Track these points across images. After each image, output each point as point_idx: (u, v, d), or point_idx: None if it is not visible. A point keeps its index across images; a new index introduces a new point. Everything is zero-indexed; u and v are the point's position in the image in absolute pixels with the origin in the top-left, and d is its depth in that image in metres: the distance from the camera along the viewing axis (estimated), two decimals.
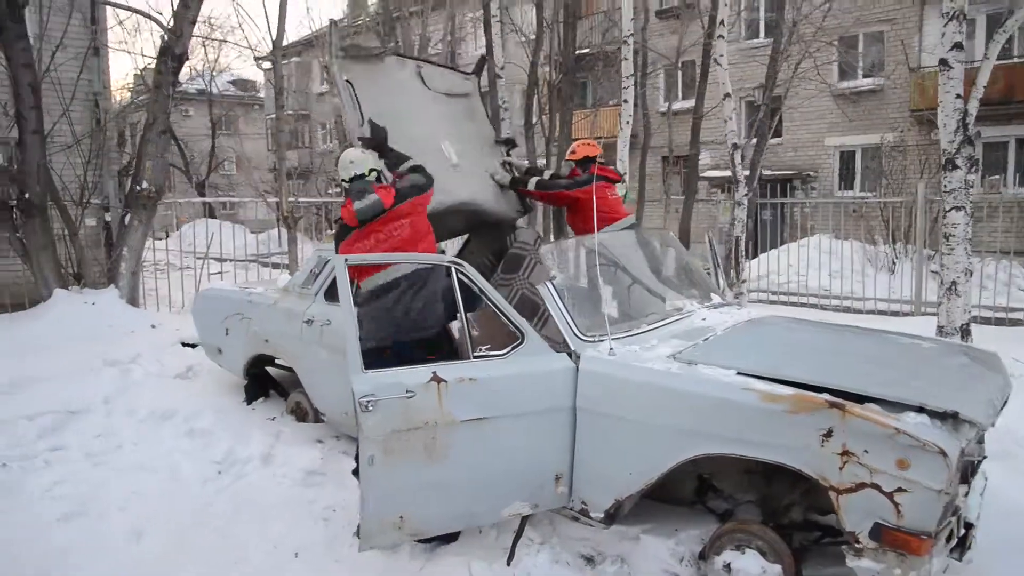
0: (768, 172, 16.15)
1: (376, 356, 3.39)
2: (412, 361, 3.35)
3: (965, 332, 5.92)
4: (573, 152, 5.57)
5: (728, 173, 17.33)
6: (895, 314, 9.28)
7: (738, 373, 3.18)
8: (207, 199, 14.49)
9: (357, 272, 3.71)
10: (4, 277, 7.61)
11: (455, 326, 4.07)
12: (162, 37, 6.95)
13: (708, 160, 17.60)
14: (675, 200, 13.90)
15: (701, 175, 17.04)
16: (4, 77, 6.87)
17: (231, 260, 13.27)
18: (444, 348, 3.73)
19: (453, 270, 3.39)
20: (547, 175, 5.43)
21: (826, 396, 2.94)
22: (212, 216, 19.61)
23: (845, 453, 2.86)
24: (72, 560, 3.80)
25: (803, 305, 10.14)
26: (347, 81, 4.36)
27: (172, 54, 6.72)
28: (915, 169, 14.80)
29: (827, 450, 2.89)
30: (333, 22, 4.62)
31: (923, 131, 15.45)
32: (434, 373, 3.19)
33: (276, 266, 13.55)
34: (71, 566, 3.75)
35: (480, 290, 3.39)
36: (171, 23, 6.81)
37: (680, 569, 3.49)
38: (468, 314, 3.89)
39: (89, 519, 4.19)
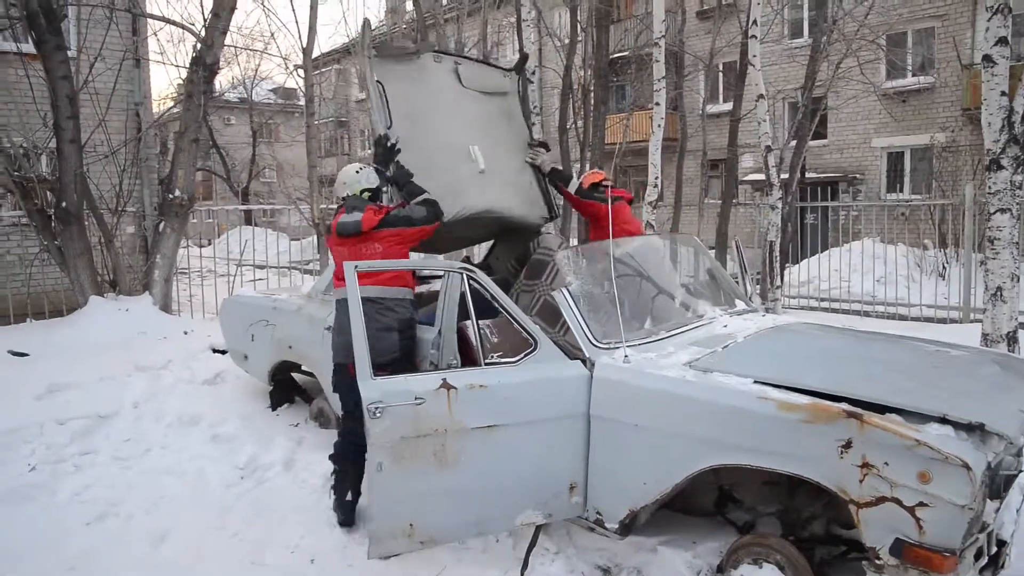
0: (813, 175, 15.79)
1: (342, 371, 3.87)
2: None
3: (1011, 340, 5.68)
4: (581, 184, 5.61)
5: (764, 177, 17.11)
6: (943, 321, 8.97)
7: (755, 381, 3.08)
8: (246, 207, 14.69)
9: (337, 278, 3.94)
10: (43, 284, 7.82)
11: (472, 332, 4.03)
12: (194, 47, 7.08)
13: (751, 163, 17.30)
14: (714, 204, 13.66)
15: (744, 179, 16.74)
16: (44, 87, 7.05)
17: (269, 267, 13.47)
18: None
19: (464, 276, 3.35)
20: (574, 183, 5.39)
21: (844, 406, 2.83)
22: (253, 224, 19.92)
23: (865, 465, 2.74)
24: (97, 562, 3.87)
25: (848, 312, 9.87)
26: (377, 81, 4.34)
27: (203, 64, 6.84)
28: (968, 170, 14.32)
29: (846, 462, 2.78)
30: (367, 22, 4.59)
31: (976, 131, 14.91)
32: (444, 380, 3.15)
33: (311, 272, 13.73)
34: (96, 567, 3.81)
35: (492, 296, 3.35)
36: (203, 33, 6.93)
37: None
38: (487, 321, 3.87)
39: (116, 521, 4.26)
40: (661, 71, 7.40)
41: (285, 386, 5.66)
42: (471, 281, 3.35)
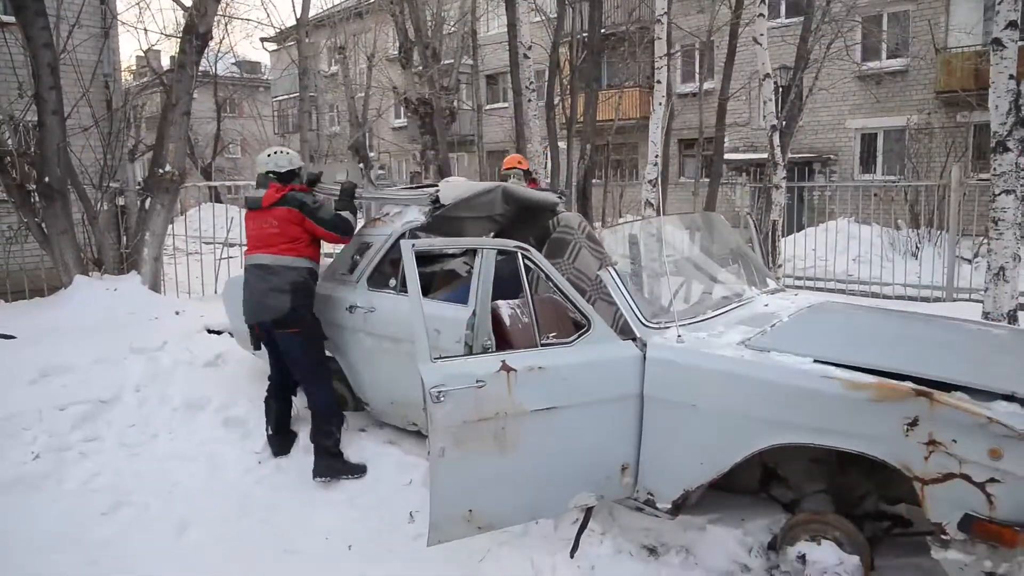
0: (788, 156, 15.95)
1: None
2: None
3: (1012, 318, 5.82)
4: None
5: (747, 156, 17.25)
6: (925, 300, 9.16)
7: (815, 361, 3.08)
8: (215, 183, 14.21)
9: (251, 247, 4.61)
10: (23, 263, 7.46)
11: (505, 312, 3.96)
12: (188, 15, 6.77)
13: (727, 143, 17.43)
14: (687, 184, 13.65)
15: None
16: (18, 55, 6.69)
17: (240, 245, 13.08)
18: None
19: (519, 255, 3.26)
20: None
21: (911, 384, 2.84)
22: (218, 200, 19.39)
23: (931, 443, 2.76)
24: (119, 551, 3.75)
25: (828, 290, 10.00)
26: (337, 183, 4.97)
27: (196, 33, 6.55)
28: (940, 152, 14.61)
29: (912, 439, 2.79)
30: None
31: (949, 113, 15.24)
32: (503, 362, 3.07)
33: None
34: (120, 557, 3.69)
35: (547, 275, 3.27)
36: (193, 1, 6.63)
37: (749, 560, 3.40)
38: (514, 302, 3.79)
39: (133, 510, 4.13)
40: (663, 48, 7.33)
41: None
42: (525, 260, 3.27)
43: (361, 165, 5.57)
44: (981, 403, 2.73)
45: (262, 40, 18.65)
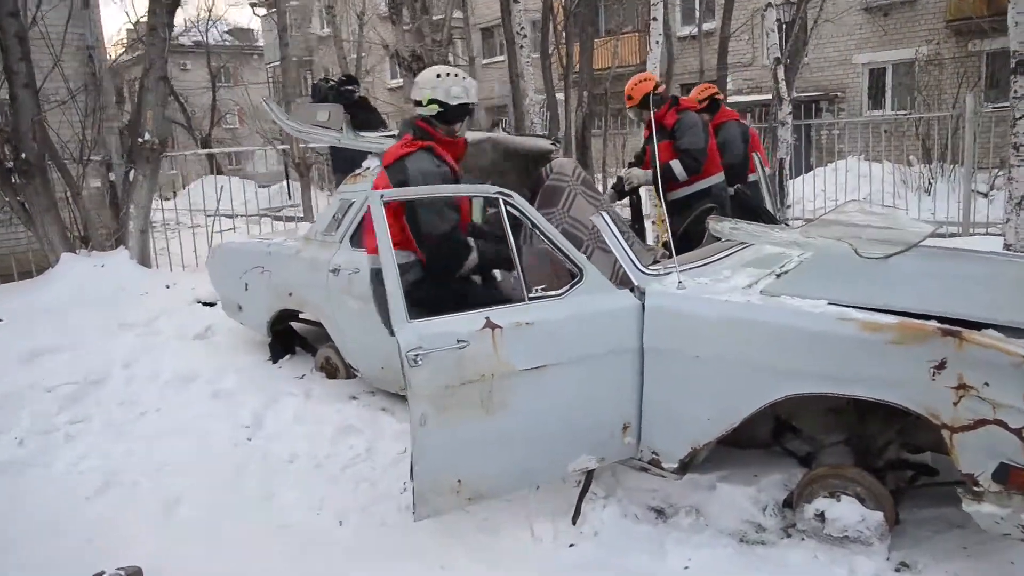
0: (793, 94, 15.49)
1: None
2: None
3: None
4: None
5: (752, 98, 16.78)
6: (940, 236, 8.84)
7: (829, 303, 2.82)
8: (212, 150, 13.94)
9: None
10: (8, 245, 7.29)
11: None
12: None
13: (730, 85, 16.95)
14: None
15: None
16: None
17: (241, 216, 12.87)
18: None
19: (501, 201, 3.00)
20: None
21: (935, 323, 2.57)
22: (219, 172, 19.17)
23: (961, 387, 2.50)
24: (112, 531, 3.56)
25: None
26: (318, 125, 4.61)
27: None
28: (951, 84, 14.10)
29: (939, 384, 2.53)
30: (265, 100, 5.00)
31: (960, 42, 14.67)
32: (487, 319, 2.83)
33: (287, 219, 13.18)
34: (112, 537, 3.52)
35: (532, 223, 3.02)
36: None
37: (764, 519, 3.19)
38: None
39: (122, 489, 3.96)
40: None
41: (285, 336, 5.31)
42: (508, 207, 3.01)
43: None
44: (1016, 341, 2.47)
45: (251, 4, 18.19)
